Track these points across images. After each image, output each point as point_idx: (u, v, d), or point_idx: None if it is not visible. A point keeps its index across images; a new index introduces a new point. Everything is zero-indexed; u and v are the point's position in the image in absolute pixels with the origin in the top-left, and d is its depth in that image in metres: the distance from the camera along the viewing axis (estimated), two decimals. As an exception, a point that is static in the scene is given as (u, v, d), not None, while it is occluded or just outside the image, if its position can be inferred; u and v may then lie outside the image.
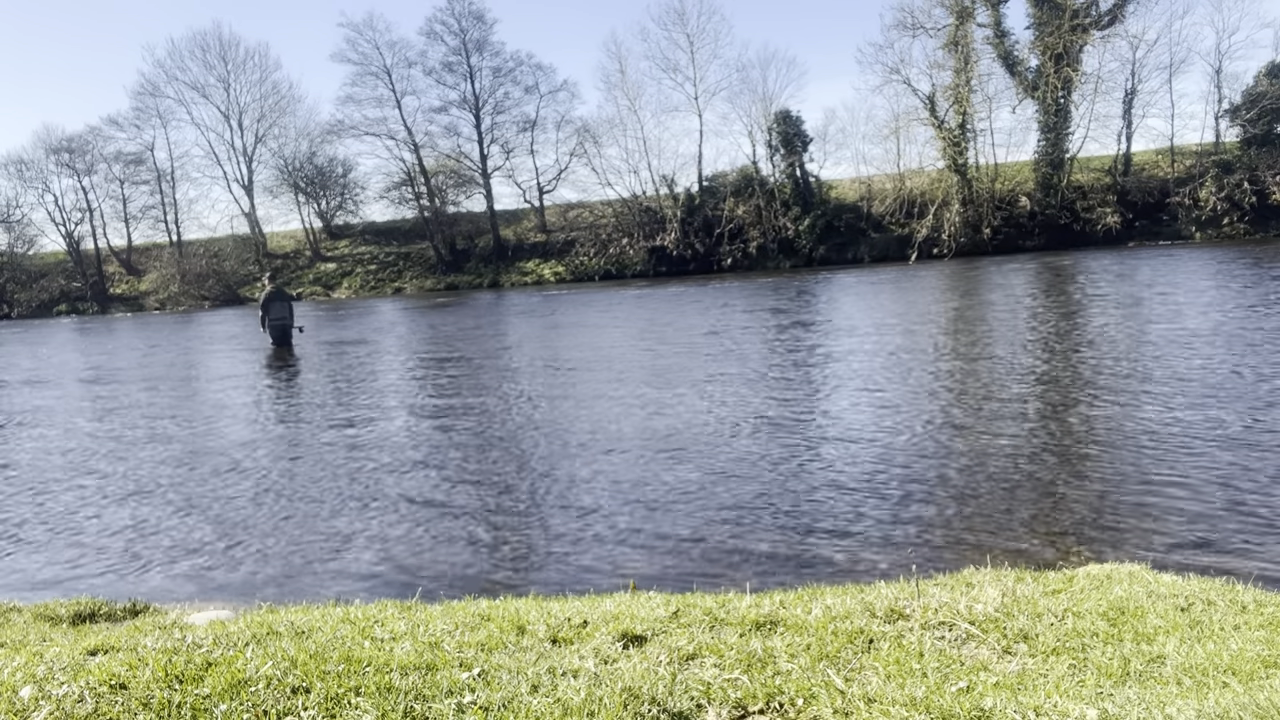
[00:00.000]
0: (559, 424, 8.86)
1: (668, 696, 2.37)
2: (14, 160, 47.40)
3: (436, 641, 2.91)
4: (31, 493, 7.56)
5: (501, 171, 43.86)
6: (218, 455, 8.53)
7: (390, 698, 2.31)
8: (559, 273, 39.47)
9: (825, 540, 5.19)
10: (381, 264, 43.81)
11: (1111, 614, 3.08)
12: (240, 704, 2.28)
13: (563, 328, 19.01)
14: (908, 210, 34.72)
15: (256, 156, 46.82)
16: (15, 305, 46.32)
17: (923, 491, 5.95)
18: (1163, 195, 32.53)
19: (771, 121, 36.94)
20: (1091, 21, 31.96)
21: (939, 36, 33.85)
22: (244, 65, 46.88)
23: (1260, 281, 16.64)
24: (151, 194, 47.95)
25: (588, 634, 3.06)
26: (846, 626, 3.03)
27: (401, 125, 42.65)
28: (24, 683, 2.46)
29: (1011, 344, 11.92)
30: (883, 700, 2.34)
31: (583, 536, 5.55)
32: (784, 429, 7.96)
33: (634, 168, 46.70)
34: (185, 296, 42.97)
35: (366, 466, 7.67)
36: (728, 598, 3.57)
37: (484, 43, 42.45)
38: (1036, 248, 32.39)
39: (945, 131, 33.82)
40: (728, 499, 6.06)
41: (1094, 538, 4.95)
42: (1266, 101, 30.98)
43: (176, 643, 2.85)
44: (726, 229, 36.85)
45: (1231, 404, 7.59)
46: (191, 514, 6.59)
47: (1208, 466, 5.99)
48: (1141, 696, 2.27)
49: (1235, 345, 10.28)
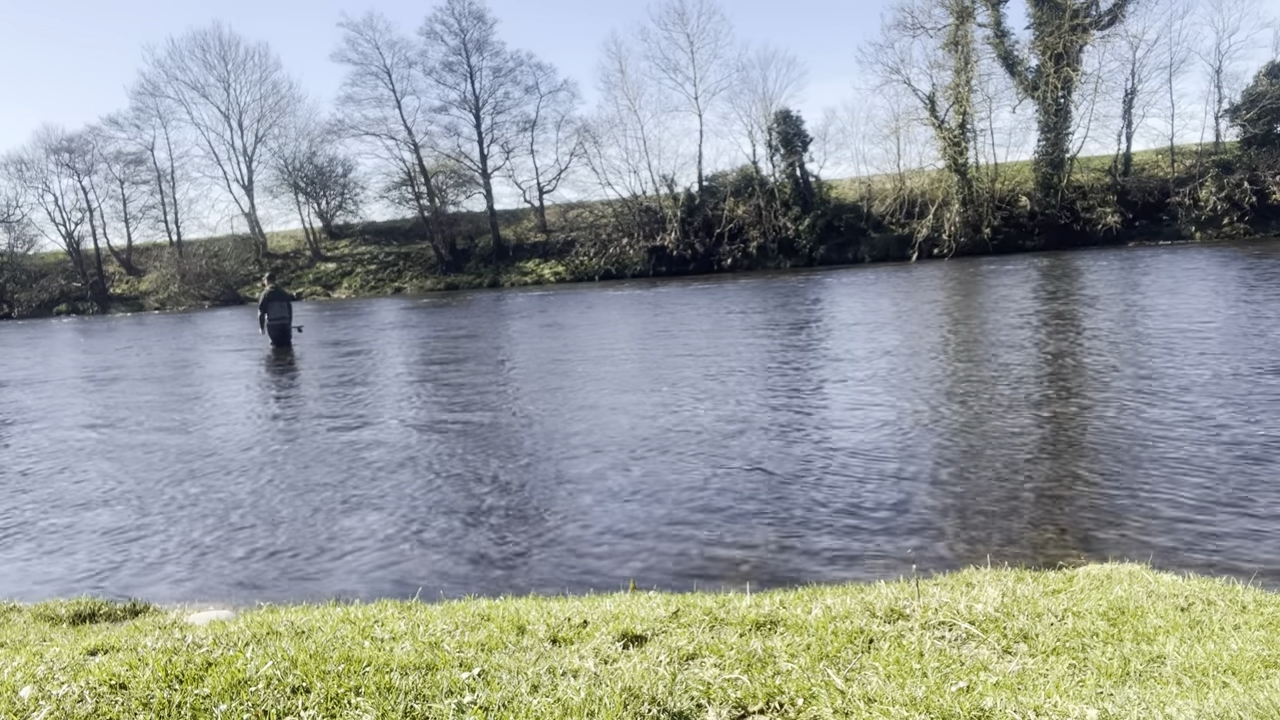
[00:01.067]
0: (558, 424, 8.86)
1: (668, 696, 2.37)
2: (14, 160, 47.55)
3: (436, 641, 2.91)
4: (31, 492, 7.56)
5: (501, 171, 43.96)
6: (217, 455, 8.53)
7: (390, 698, 2.31)
8: (559, 273, 39.49)
9: (825, 540, 5.19)
10: (381, 264, 43.83)
11: (1111, 614, 3.08)
12: (240, 704, 2.28)
13: (562, 328, 19.01)
14: (908, 210, 34.74)
15: (256, 156, 46.94)
16: (15, 305, 46.33)
17: (922, 491, 5.95)
18: (1163, 195, 32.55)
19: (771, 121, 36.96)
20: (1091, 21, 31.98)
21: (939, 36, 33.90)
22: (244, 65, 47.01)
23: (1261, 282, 16.64)
24: (151, 194, 48.08)
25: (588, 634, 3.07)
26: (846, 626, 3.03)
27: (401, 125, 42.77)
28: (24, 682, 2.46)
29: (1011, 344, 11.92)
30: (883, 700, 2.34)
31: (583, 536, 5.56)
32: (784, 429, 7.96)
33: (634, 168, 46.83)
34: (185, 296, 43.00)
35: (366, 466, 7.67)
36: (728, 598, 3.57)
37: (484, 43, 42.56)
38: (1036, 248, 32.40)
39: (945, 131, 33.83)
40: (727, 499, 6.06)
41: (1094, 538, 4.95)
42: (1266, 101, 31.01)
43: (176, 643, 2.85)
44: (726, 229, 36.86)
45: (1232, 404, 7.59)
46: (191, 513, 6.59)
47: (1208, 466, 5.99)
48: (1141, 696, 2.27)
49: (1236, 346, 10.28)
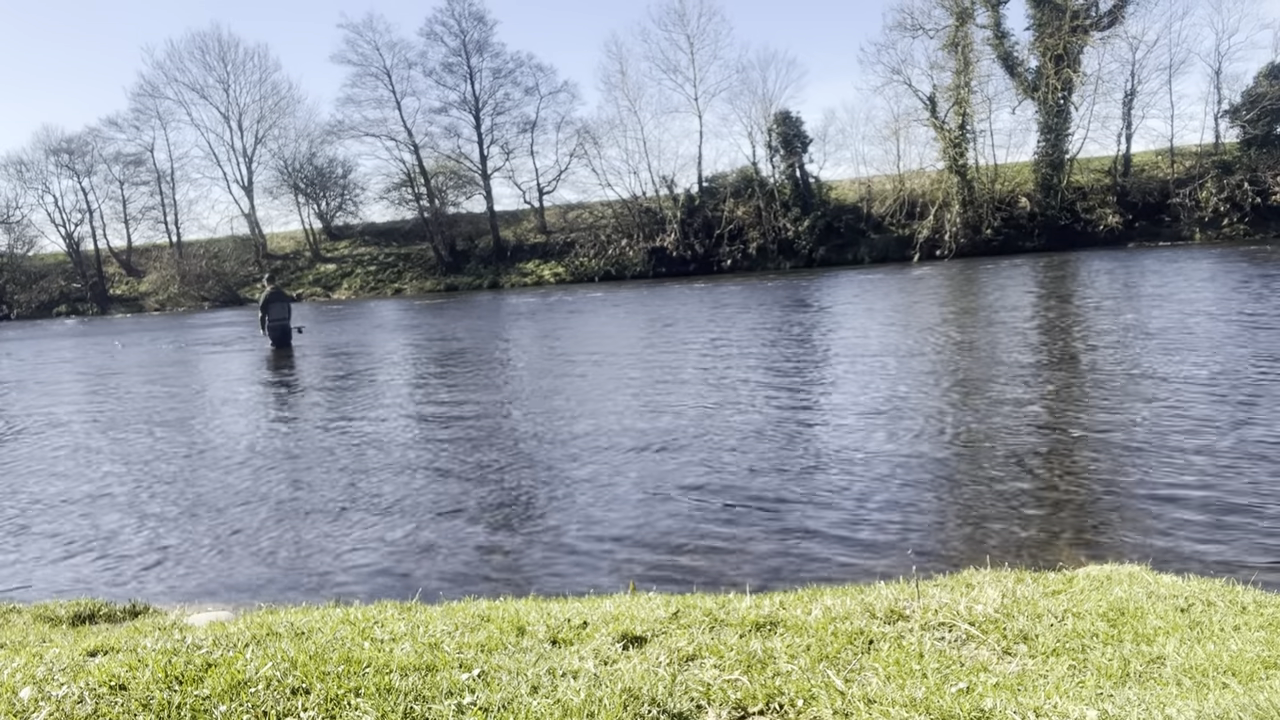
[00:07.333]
0: (558, 424, 8.86)
1: (667, 697, 2.37)
2: (14, 161, 47.47)
3: (436, 642, 2.91)
4: (31, 493, 7.56)
5: (501, 172, 43.94)
6: (217, 456, 8.52)
7: (390, 699, 2.31)
8: (559, 274, 39.48)
9: (825, 540, 5.19)
10: (381, 265, 43.82)
11: (1111, 615, 3.08)
12: (240, 705, 2.28)
13: (562, 328, 19.01)
14: (908, 211, 34.74)
15: (256, 157, 46.91)
16: (15, 306, 46.31)
17: (922, 492, 5.95)
18: (1163, 196, 32.55)
19: (771, 122, 36.95)
20: (1091, 22, 31.98)
21: (939, 37, 33.90)
22: (243, 66, 46.99)
23: (1261, 282, 16.64)
24: (151, 195, 48.05)
25: (587, 635, 3.06)
26: (846, 627, 3.03)
27: (401, 126, 42.74)
28: (24, 684, 2.46)
29: (1011, 345, 11.92)
30: (882, 701, 2.34)
31: (582, 537, 5.55)
32: (783, 429, 7.96)
33: (634, 168, 46.54)
34: (185, 297, 43.00)
35: (366, 467, 7.67)
36: (728, 598, 3.56)
37: (484, 44, 42.55)
38: (1037, 249, 32.40)
39: (945, 132, 33.84)
40: (727, 499, 6.06)
41: (1094, 538, 4.95)
42: (1266, 102, 31.00)
43: (176, 644, 2.85)
44: (726, 230, 36.86)
45: (1232, 404, 7.59)
46: (191, 514, 6.59)
47: (1208, 467, 5.99)
48: (1141, 697, 2.27)
49: (1236, 346, 10.28)
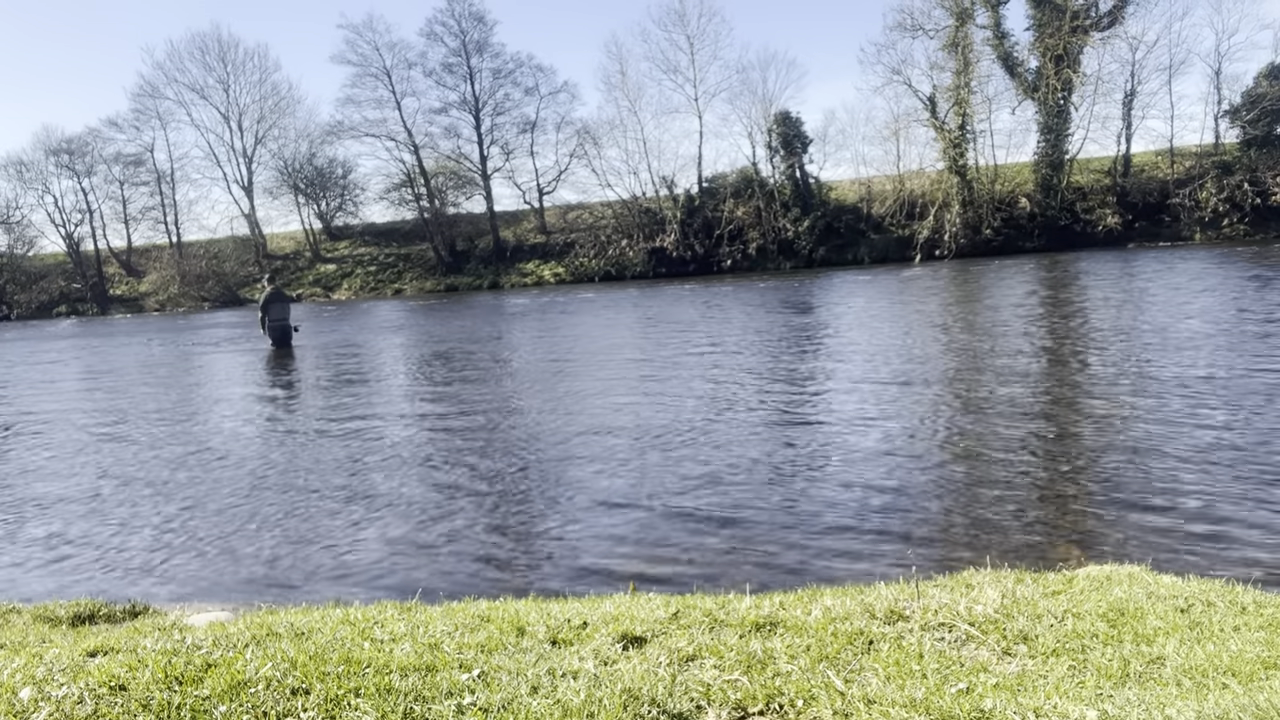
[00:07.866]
0: (558, 425, 8.86)
1: (667, 698, 2.37)
2: (14, 161, 47.56)
3: (436, 643, 2.91)
4: (31, 493, 7.56)
5: (501, 173, 43.96)
6: (217, 456, 8.52)
7: (390, 699, 2.31)
8: (559, 274, 39.49)
9: (825, 541, 5.19)
10: (381, 265, 43.84)
11: (1111, 615, 3.08)
12: (240, 705, 2.27)
13: (562, 329, 19.01)
14: (908, 211, 34.74)
15: (256, 158, 46.95)
16: (15, 307, 46.32)
17: (922, 492, 5.95)
18: (1163, 196, 32.56)
19: (771, 123, 36.96)
20: (1091, 23, 31.99)
21: (939, 38, 33.90)
22: (243, 67, 47.05)
23: (1261, 282, 16.64)
24: (151, 195, 48.09)
25: (587, 635, 3.06)
26: (846, 628, 3.03)
27: (401, 126, 42.77)
28: (24, 684, 2.46)
29: (1011, 345, 11.92)
30: (882, 701, 2.34)
31: (582, 537, 5.55)
32: (783, 430, 7.96)
33: (634, 169, 46.56)
34: (185, 297, 43.01)
35: (365, 467, 7.67)
36: (727, 599, 3.56)
37: (484, 44, 42.59)
38: (1037, 249, 32.41)
39: (945, 132, 33.84)
40: (727, 500, 6.06)
41: (1094, 539, 4.95)
42: (1266, 103, 31.01)
43: (176, 644, 2.85)
44: (726, 230, 36.87)
45: (1231, 405, 7.58)
46: (191, 514, 6.59)
47: (1208, 467, 5.98)
48: (1141, 698, 2.27)
49: (1236, 346, 10.28)
